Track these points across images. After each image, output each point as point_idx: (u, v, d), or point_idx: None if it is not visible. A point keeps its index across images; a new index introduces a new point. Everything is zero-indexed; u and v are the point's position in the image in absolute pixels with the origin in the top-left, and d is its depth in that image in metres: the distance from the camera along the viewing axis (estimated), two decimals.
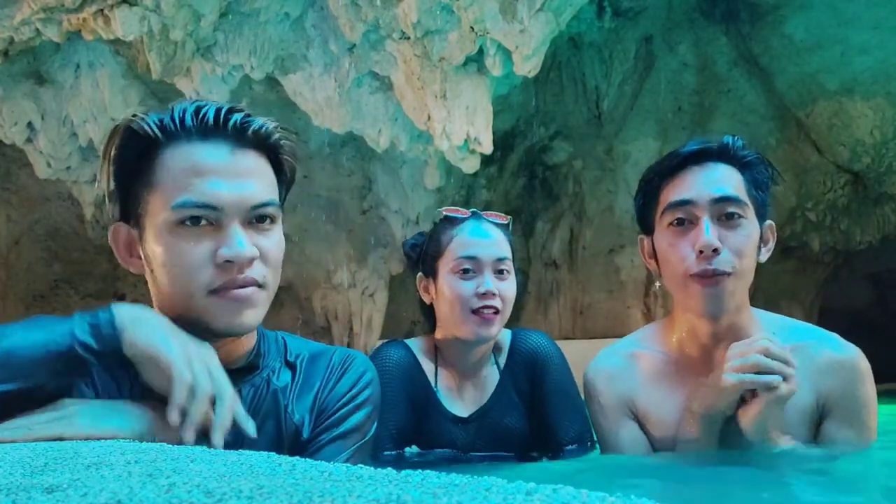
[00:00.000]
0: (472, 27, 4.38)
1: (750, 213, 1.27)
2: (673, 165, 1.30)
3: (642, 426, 1.37)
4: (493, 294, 1.48)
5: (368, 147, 5.63)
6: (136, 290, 7.08)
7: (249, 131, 0.95)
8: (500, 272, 1.51)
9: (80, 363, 0.85)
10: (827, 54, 6.17)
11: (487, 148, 4.73)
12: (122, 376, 0.97)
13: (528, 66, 4.48)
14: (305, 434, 1.03)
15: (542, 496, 0.43)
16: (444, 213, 1.60)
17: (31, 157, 5.62)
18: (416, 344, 1.61)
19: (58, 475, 0.56)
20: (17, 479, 0.55)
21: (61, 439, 0.80)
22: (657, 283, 1.39)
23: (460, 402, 1.56)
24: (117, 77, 5.27)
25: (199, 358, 0.88)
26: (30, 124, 5.37)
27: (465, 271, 1.49)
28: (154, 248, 0.94)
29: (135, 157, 0.96)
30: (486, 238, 1.52)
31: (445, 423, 1.54)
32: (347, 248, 6.89)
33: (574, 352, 1.63)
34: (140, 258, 0.98)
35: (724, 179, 1.27)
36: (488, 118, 4.71)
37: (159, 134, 0.95)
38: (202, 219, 0.92)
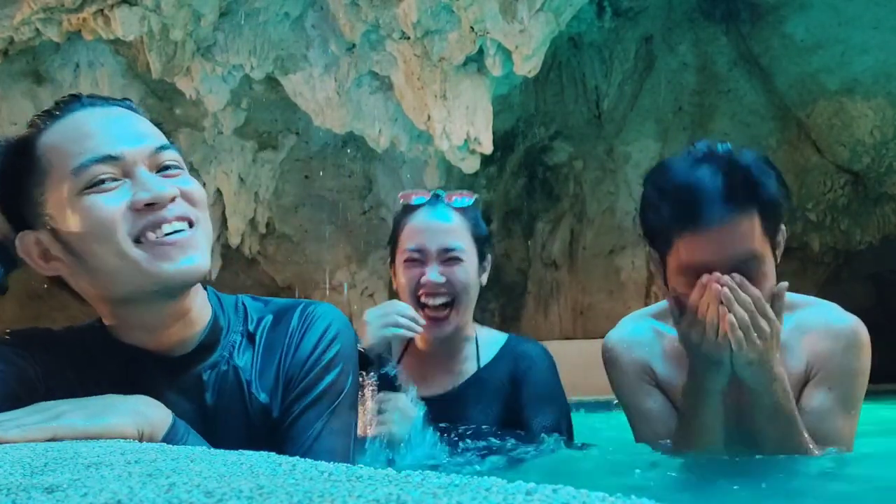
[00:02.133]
0: (472, 27, 4.38)
1: (767, 249, 1.24)
2: (690, 222, 1.20)
3: (664, 393, 1.37)
4: (437, 284, 1.44)
5: (368, 147, 5.64)
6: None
7: (100, 98, 0.94)
8: (449, 260, 1.46)
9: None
10: (827, 54, 6.17)
11: (487, 148, 4.74)
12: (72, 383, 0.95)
13: (528, 66, 4.48)
14: (275, 412, 0.96)
15: (542, 496, 0.43)
16: (401, 198, 1.57)
17: None
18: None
19: (58, 475, 0.56)
20: (17, 479, 0.55)
21: (55, 439, 0.80)
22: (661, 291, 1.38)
23: (424, 385, 1.49)
24: (117, 77, 5.27)
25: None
26: None
27: (413, 261, 1.47)
28: (69, 225, 0.87)
29: (15, 162, 0.91)
30: (435, 225, 1.48)
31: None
32: (347, 248, 6.89)
33: (574, 352, 1.62)
34: (59, 259, 0.91)
35: (744, 237, 1.20)
36: (488, 118, 4.71)
37: (28, 132, 0.91)
38: (106, 178, 0.86)
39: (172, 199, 0.87)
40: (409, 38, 4.57)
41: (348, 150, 6.62)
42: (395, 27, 4.52)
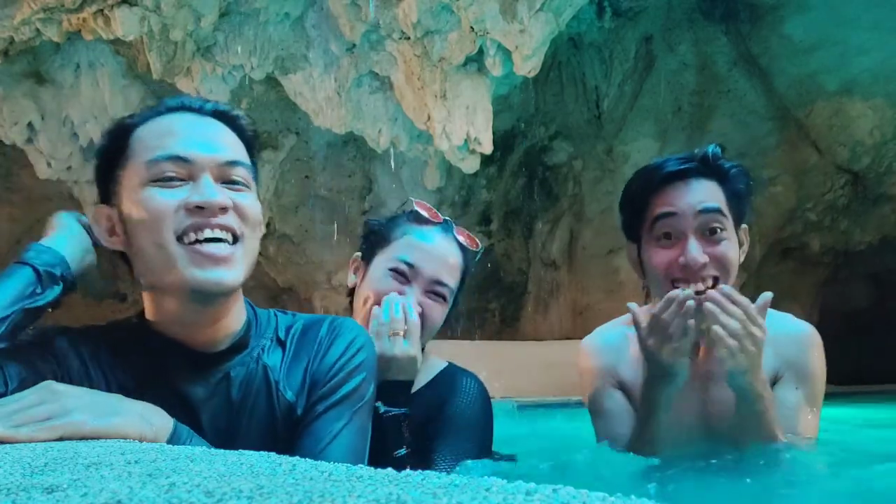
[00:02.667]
0: (472, 27, 4.38)
1: (729, 224, 1.35)
2: (657, 181, 1.36)
3: (627, 396, 1.45)
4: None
5: (368, 147, 5.64)
6: (136, 290, 7.07)
7: (209, 106, 1.02)
8: (433, 294, 1.34)
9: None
10: (826, 55, 6.17)
11: (487, 148, 4.74)
12: (98, 379, 0.99)
13: (528, 66, 4.48)
14: (300, 410, 1.02)
15: (542, 496, 0.43)
16: (416, 205, 1.43)
17: (32, 157, 5.62)
18: None
19: (58, 475, 0.56)
20: (17, 479, 0.55)
21: (62, 439, 0.81)
22: (642, 286, 1.46)
23: None
24: (117, 77, 5.27)
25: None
26: (30, 124, 5.37)
27: (399, 273, 1.33)
28: (129, 208, 0.96)
29: (111, 144, 1.01)
30: (435, 253, 1.35)
31: None
32: (348, 248, 6.89)
33: (574, 352, 1.61)
34: (120, 235, 0.99)
35: (707, 197, 1.33)
36: (488, 118, 4.71)
37: (133, 118, 1.01)
38: (175, 176, 0.94)
39: (223, 209, 0.94)
40: (409, 38, 4.57)
41: (348, 150, 6.62)
42: (395, 27, 4.52)
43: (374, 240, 1.41)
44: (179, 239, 0.93)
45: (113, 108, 5.31)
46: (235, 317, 1.02)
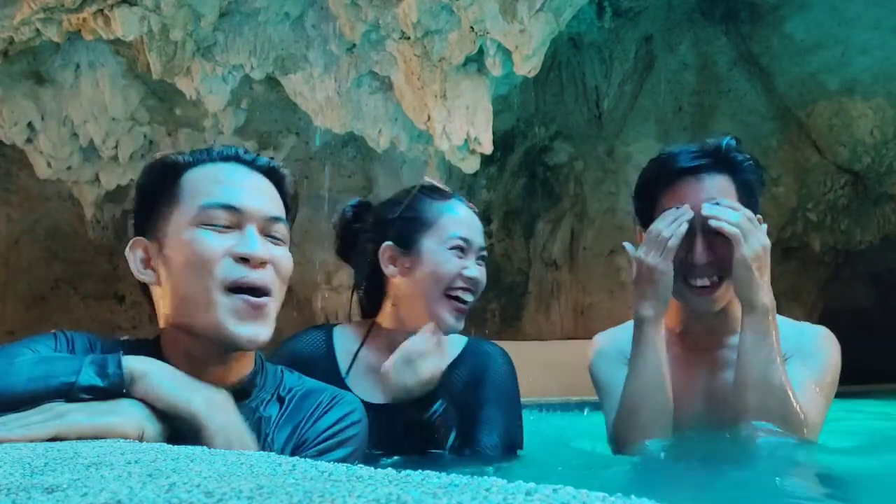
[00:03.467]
0: (472, 27, 4.38)
1: None
2: (670, 176, 1.37)
3: None
4: (478, 282, 1.41)
5: (368, 147, 5.64)
6: (136, 291, 7.07)
7: (261, 162, 1.08)
8: (480, 260, 1.45)
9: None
10: (827, 54, 6.17)
11: (487, 148, 4.73)
12: None
13: (528, 66, 4.48)
14: None
15: (541, 496, 0.43)
16: (431, 182, 1.49)
17: (32, 158, 5.63)
18: (346, 329, 1.49)
19: (58, 475, 0.56)
20: (17, 479, 0.55)
21: (58, 438, 0.80)
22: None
23: (376, 390, 1.39)
24: (117, 77, 5.27)
25: (220, 404, 0.93)
26: (30, 124, 5.37)
27: (460, 250, 1.40)
28: (175, 250, 0.99)
29: (159, 181, 1.05)
30: (475, 223, 1.46)
31: None
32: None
33: (575, 352, 1.62)
34: (154, 270, 1.03)
35: (718, 193, 1.33)
36: (488, 118, 4.71)
37: (184, 159, 1.06)
38: (224, 223, 0.99)
39: (263, 264, 1.00)
40: (409, 38, 4.57)
41: (348, 150, 6.62)
42: (395, 27, 4.52)
43: (410, 224, 1.42)
44: (227, 289, 0.97)
45: (113, 108, 5.31)
46: (245, 365, 1.06)
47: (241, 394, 1.03)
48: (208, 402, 0.91)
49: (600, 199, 7.10)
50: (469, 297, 1.41)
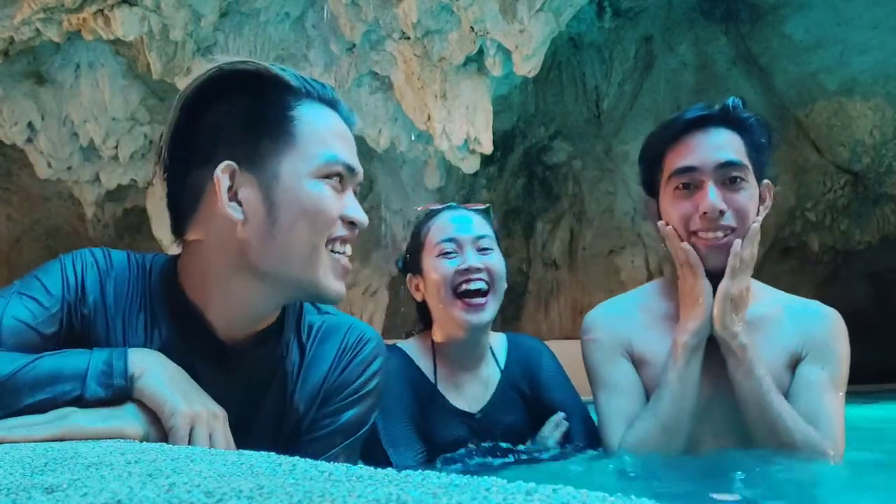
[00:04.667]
0: (472, 27, 4.38)
1: (750, 175, 1.32)
2: (676, 131, 1.35)
3: (637, 370, 1.40)
4: (478, 268, 1.46)
5: (368, 147, 5.64)
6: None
7: (351, 118, 1.02)
8: (482, 249, 1.49)
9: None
10: (826, 54, 6.17)
11: (487, 148, 4.74)
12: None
13: (528, 66, 4.48)
14: (305, 422, 1.02)
15: (542, 496, 0.43)
16: (420, 209, 1.63)
17: (32, 157, 5.63)
18: (409, 346, 1.59)
19: (58, 475, 0.56)
20: (17, 479, 0.55)
21: (62, 439, 0.80)
22: (663, 245, 1.41)
23: (463, 399, 1.54)
24: (117, 77, 5.27)
25: (204, 422, 0.86)
26: (30, 124, 5.37)
27: (447, 253, 1.48)
28: (289, 195, 0.91)
29: (260, 99, 0.95)
30: (462, 220, 1.52)
31: (453, 419, 1.51)
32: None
33: (574, 352, 1.61)
34: (242, 204, 0.92)
35: (726, 144, 1.32)
36: (488, 118, 4.71)
37: (294, 82, 0.97)
38: (340, 177, 0.95)
39: (363, 227, 0.98)
40: (409, 38, 4.57)
41: None
42: (395, 27, 4.52)
43: (414, 251, 1.56)
44: (327, 243, 0.94)
45: (113, 108, 5.31)
46: (274, 315, 1.00)
47: (265, 339, 0.99)
48: (192, 417, 0.85)
49: (599, 199, 7.10)
50: (479, 286, 1.46)
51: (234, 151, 0.92)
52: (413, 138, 5.32)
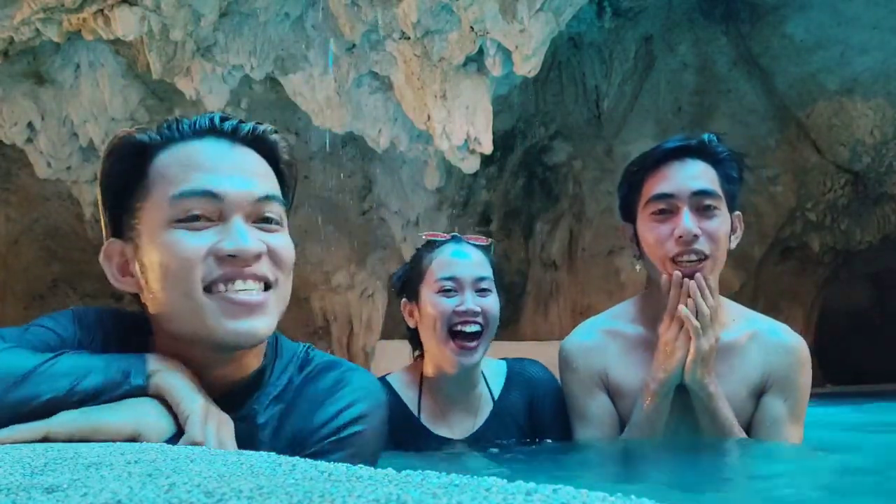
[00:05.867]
0: (472, 27, 4.38)
1: (722, 204, 1.41)
2: (655, 160, 1.43)
3: (613, 399, 1.48)
4: (475, 312, 1.49)
5: (368, 147, 5.64)
6: None
7: (244, 131, 0.90)
8: (481, 290, 1.52)
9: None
10: (827, 54, 6.17)
11: (487, 148, 4.74)
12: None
13: (528, 66, 4.48)
14: None
15: (541, 496, 0.43)
16: (426, 237, 1.63)
17: (32, 157, 5.62)
18: (397, 377, 1.61)
19: (58, 475, 0.56)
20: (17, 479, 0.55)
21: (48, 438, 0.78)
22: (637, 266, 1.51)
23: (449, 427, 1.56)
24: (117, 77, 5.27)
25: (215, 417, 0.83)
26: (30, 124, 5.37)
27: (447, 290, 1.50)
28: (149, 251, 0.85)
29: (128, 170, 0.89)
30: (465, 258, 1.54)
31: (436, 447, 1.52)
32: (347, 249, 6.89)
33: None
34: (133, 276, 0.89)
35: (701, 175, 1.41)
36: (488, 118, 4.71)
37: (151, 138, 0.89)
38: (201, 216, 0.84)
39: (257, 257, 0.85)
40: (409, 38, 4.57)
41: (348, 150, 6.62)
42: (395, 27, 4.52)
43: (412, 279, 1.58)
44: (207, 289, 0.84)
45: (113, 108, 5.31)
46: (249, 362, 0.92)
47: (238, 398, 0.91)
48: (208, 411, 0.83)
49: (598, 199, 7.10)
50: (471, 328, 1.48)
51: (119, 226, 0.90)
52: (413, 138, 5.33)
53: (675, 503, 0.94)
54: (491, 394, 1.58)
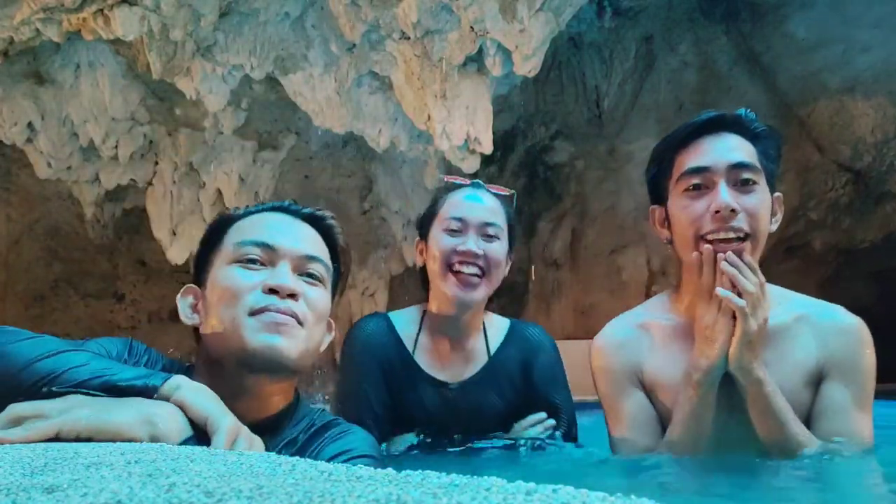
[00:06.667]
0: (472, 27, 4.38)
1: (762, 180, 1.30)
2: (688, 134, 1.34)
3: (650, 396, 1.35)
4: (475, 254, 1.49)
5: (368, 147, 5.64)
6: (135, 290, 7.09)
7: (305, 210, 1.13)
8: (487, 236, 1.53)
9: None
10: (828, 53, 6.16)
11: (487, 148, 4.73)
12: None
13: (528, 65, 4.48)
14: None
15: (541, 496, 0.43)
16: (446, 179, 1.67)
17: (32, 158, 5.63)
18: (402, 313, 1.63)
19: (58, 475, 0.56)
20: (17, 479, 0.55)
21: (58, 437, 0.80)
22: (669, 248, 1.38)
23: (442, 370, 1.56)
24: (117, 77, 5.27)
25: (247, 435, 0.91)
26: (30, 124, 5.37)
27: (453, 230, 1.52)
28: (213, 285, 1.06)
29: (213, 236, 1.13)
30: (477, 202, 1.56)
31: (425, 386, 1.53)
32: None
33: (576, 352, 1.62)
34: (200, 312, 1.08)
35: (739, 147, 1.30)
36: (488, 118, 4.71)
37: (236, 212, 1.14)
38: (257, 259, 1.05)
39: (293, 296, 1.03)
40: (409, 38, 4.57)
41: (348, 150, 6.62)
42: (395, 27, 4.52)
43: (426, 218, 1.62)
44: (251, 314, 1.01)
45: (113, 108, 5.31)
46: (272, 403, 1.06)
47: (268, 429, 1.03)
48: (237, 429, 0.90)
49: (601, 199, 7.10)
50: (469, 269, 1.50)
51: (200, 277, 1.12)
52: (413, 138, 5.32)
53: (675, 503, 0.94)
54: (488, 348, 1.59)
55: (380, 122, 5.20)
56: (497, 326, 1.62)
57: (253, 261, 1.05)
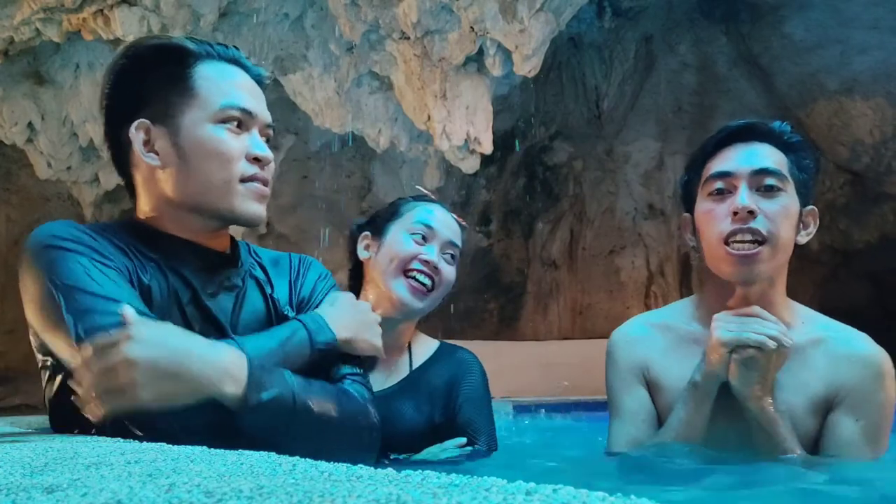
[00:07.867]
0: (472, 27, 4.38)
1: (790, 188, 1.27)
2: (718, 140, 1.33)
3: (653, 395, 1.36)
4: (435, 267, 1.48)
5: (368, 147, 5.64)
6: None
7: (254, 69, 1.19)
8: (448, 255, 1.52)
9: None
10: (827, 54, 6.17)
11: (487, 148, 4.74)
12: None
13: (528, 66, 4.48)
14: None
15: (541, 496, 0.43)
16: (418, 187, 1.67)
17: (32, 158, 5.62)
18: None
19: (58, 475, 0.56)
20: (17, 479, 0.55)
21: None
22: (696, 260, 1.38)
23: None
24: None
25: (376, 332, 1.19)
26: (30, 124, 5.37)
27: (419, 236, 1.51)
28: (194, 142, 1.09)
29: (168, 68, 1.12)
30: (448, 220, 1.56)
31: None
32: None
33: (574, 352, 1.62)
34: (158, 153, 1.11)
35: (766, 155, 1.28)
36: (488, 118, 4.71)
37: (191, 47, 1.14)
38: (239, 122, 1.11)
39: (269, 163, 1.15)
40: (409, 38, 4.57)
41: (347, 150, 6.63)
42: (395, 27, 4.52)
43: (384, 216, 1.59)
44: (242, 180, 1.11)
45: None
46: (226, 238, 1.21)
47: (232, 259, 1.18)
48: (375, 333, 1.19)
49: (599, 199, 7.10)
50: (426, 280, 1.48)
51: (148, 111, 1.11)
52: (413, 138, 5.33)
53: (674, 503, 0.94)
54: (411, 362, 1.56)
55: (379, 123, 5.20)
56: (425, 344, 1.59)
57: (236, 124, 1.12)
